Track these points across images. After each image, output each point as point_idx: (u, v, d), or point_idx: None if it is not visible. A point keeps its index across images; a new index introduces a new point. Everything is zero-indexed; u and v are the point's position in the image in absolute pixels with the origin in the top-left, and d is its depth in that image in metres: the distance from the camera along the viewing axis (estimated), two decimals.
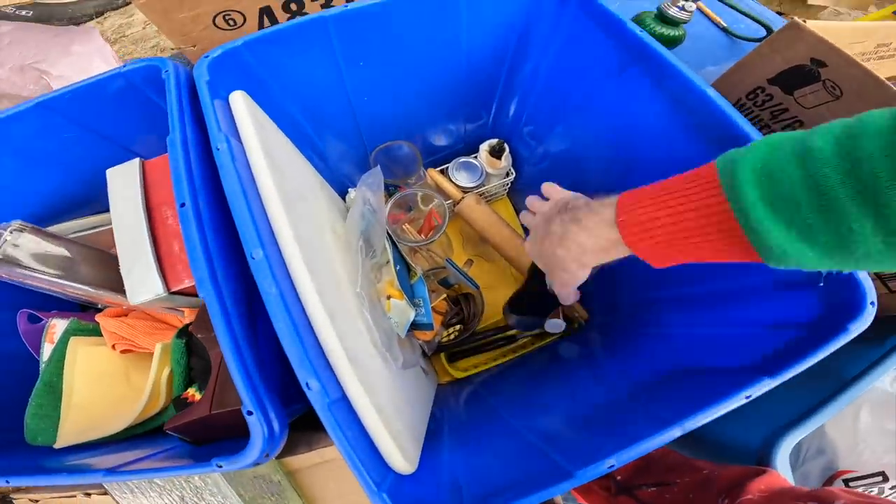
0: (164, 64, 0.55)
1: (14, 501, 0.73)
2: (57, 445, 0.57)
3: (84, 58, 0.91)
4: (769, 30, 1.10)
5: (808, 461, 0.65)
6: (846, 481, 0.63)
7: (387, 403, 0.42)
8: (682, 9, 1.00)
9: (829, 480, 0.64)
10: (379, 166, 0.67)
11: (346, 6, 0.58)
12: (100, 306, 0.73)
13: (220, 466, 0.37)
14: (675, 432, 0.39)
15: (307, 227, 0.49)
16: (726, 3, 1.16)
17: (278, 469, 0.58)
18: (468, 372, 0.84)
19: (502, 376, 0.79)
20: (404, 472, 0.41)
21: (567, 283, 0.51)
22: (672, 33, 1.05)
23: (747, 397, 0.40)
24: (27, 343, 0.69)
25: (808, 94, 0.71)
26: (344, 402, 0.39)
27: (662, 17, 1.04)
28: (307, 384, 0.36)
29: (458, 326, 0.82)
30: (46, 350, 0.67)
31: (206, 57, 0.53)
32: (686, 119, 0.55)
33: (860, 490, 0.61)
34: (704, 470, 0.55)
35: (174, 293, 0.53)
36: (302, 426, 0.62)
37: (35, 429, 0.59)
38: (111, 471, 0.41)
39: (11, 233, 0.56)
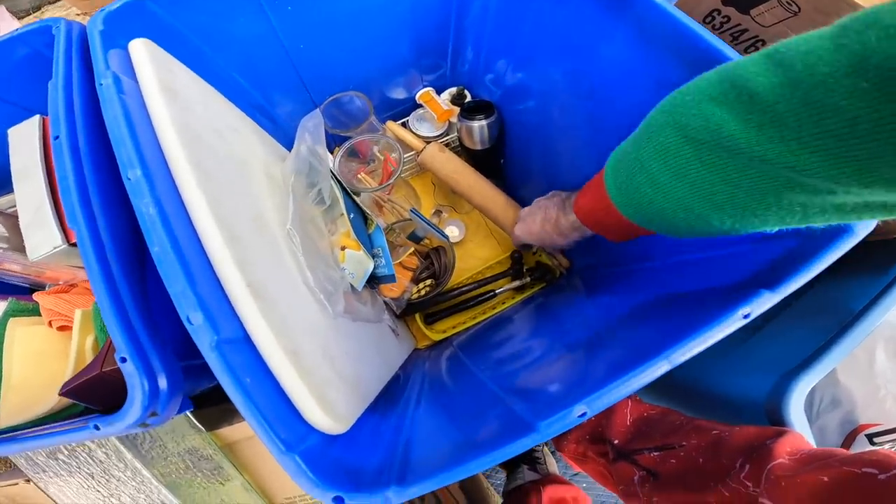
0: (57, 21, 0.49)
1: None
2: None
3: None
4: None
5: (822, 415, 0.56)
6: (870, 437, 0.53)
7: (308, 349, 0.35)
8: None
9: (851, 436, 0.55)
10: (320, 111, 0.59)
11: None
12: (47, 287, 0.66)
13: (98, 428, 0.30)
14: (661, 366, 0.31)
15: (216, 158, 0.41)
16: None
17: (211, 442, 0.50)
18: (446, 333, 0.76)
19: (481, 334, 0.72)
20: (329, 430, 0.33)
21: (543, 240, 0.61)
22: None
23: (745, 316, 0.32)
24: None
25: (765, 13, 0.68)
26: (246, 344, 0.31)
27: None
28: (188, 318, 0.28)
29: (429, 282, 0.75)
30: None
31: (102, 10, 0.46)
32: (645, 39, 0.47)
33: (888, 446, 0.53)
34: (713, 430, 0.49)
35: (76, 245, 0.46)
36: None
37: None
38: None
39: None
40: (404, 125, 0.83)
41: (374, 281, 0.63)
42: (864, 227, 0.35)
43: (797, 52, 0.25)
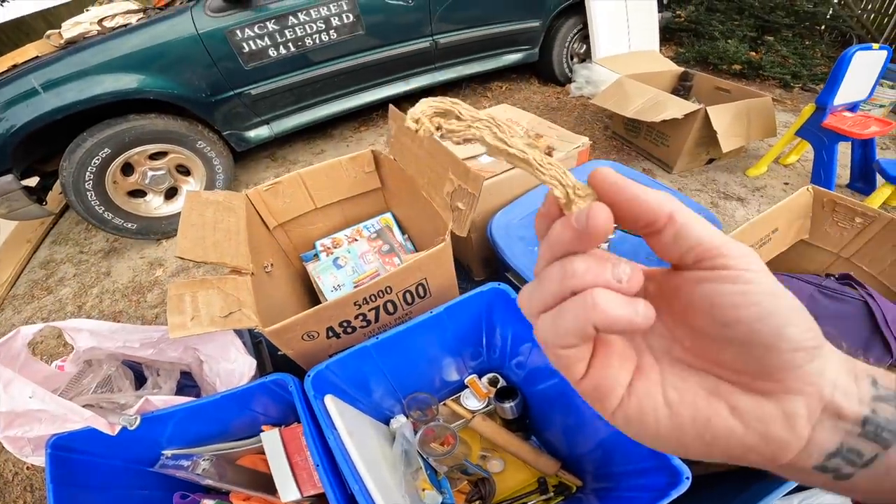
0: (286, 379, 1.06)
1: None
2: None
3: (222, 345, 1.33)
4: None
5: None
6: None
7: None
8: None
9: None
10: (412, 422, 1.19)
11: (378, 338, 1.10)
12: (223, 490, 1.18)
13: None
14: None
15: (373, 462, 0.96)
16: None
17: None
18: None
19: None
20: None
21: None
22: None
23: None
24: None
25: None
26: None
27: None
28: None
29: (477, 502, 1.22)
30: None
31: (309, 375, 1.03)
32: None
33: None
34: None
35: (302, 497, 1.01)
36: None
37: None
38: None
39: (206, 461, 1.09)
40: (458, 399, 1.39)
41: None
42: (677, 490, 0.78)
43: None
